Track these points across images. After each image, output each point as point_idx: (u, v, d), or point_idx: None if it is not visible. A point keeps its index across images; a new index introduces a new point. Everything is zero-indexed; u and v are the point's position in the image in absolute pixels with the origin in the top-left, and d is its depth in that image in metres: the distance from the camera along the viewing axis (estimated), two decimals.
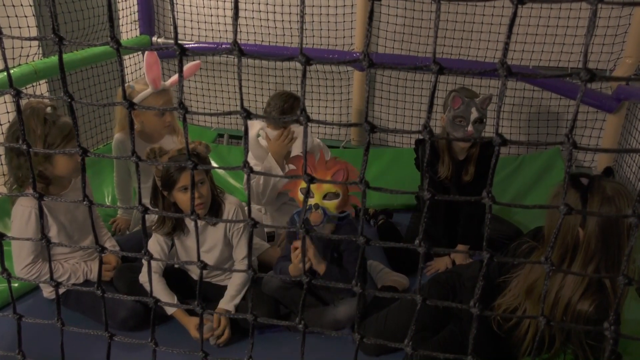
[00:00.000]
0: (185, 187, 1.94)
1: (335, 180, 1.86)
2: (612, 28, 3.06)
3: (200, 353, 0.88)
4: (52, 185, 2.09)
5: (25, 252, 2.02)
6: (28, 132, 1.93)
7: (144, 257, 0.83)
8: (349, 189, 1.89)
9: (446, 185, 2.51)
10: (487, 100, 2.35)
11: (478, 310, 0.78)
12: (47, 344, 1.76)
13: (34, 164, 1.97)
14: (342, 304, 2.05)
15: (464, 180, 2.48)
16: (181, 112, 0.75)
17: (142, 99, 2.42)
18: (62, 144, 1.96)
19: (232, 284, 2.08)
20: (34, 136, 1.93)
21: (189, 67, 2.65)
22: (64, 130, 1.97)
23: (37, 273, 2.04)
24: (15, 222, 2.01)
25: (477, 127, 2.33)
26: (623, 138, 3.22)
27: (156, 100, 2.45)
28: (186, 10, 3.70)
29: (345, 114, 3.72)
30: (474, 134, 2.32)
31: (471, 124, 2.32)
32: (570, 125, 0.65)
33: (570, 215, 1.49)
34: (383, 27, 3.41)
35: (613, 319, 0.74)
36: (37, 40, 0.79)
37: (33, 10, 2.95)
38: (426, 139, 0.70)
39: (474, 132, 2.32)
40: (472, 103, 2.32)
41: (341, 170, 1.87)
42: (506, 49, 0.65)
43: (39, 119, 1.94)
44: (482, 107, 2.33)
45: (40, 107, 1.97)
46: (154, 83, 2.42)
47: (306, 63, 0.70)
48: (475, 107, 2.32)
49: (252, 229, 0.78)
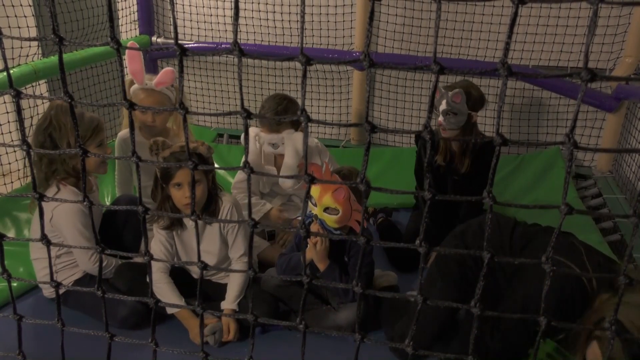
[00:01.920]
0: (179, 184, 1.95)
1: (336, 197, 1.86)
2: (611, 27, 3.06)
3: (201, 353, 0.88)
4: (80, 181, 2.11)
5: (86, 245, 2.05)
6: (59, 127, 2.02)
7: (145, 257, 0.83)
8: (351, 208, 1.90)
9: (442, 173, 2.54)
10: (458, 95, 2.35)
11: (479, 310, 0.78)
12: (48, 343, 1.77)
13: (68, 158, 2.04)
14: (343, 309, 2.05)
15: (459, 170, 2.50)
16: (181, 112, 0.75)
17: (133, 92, 2.47)
18: (92, 136, 2.06)
19: (233, 283, 2.08)
20: (66, 130, 2.02)
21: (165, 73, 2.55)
22: (92, 124, 2.06)
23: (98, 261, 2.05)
24: (61, 218, 2.00)
25: (448, 119, 2.38)
26: (623, 137, 3.22)
27: (147, 98, 2.47)
28: (185, 10, 3.70)
29: (345, 113, 3.72)
30: (443, 124, 2.39)
31: (441, 115, 2.39)
32: (571, 125, 0.65)
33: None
34: (382, 26, 3.41)
35: (614, 320, 0.74)
36: (37, 40, 0.79)
37: (32, 10, 2.95)
38: (427, 139, 0.70)
39: (444, 123, 2.39)
40: (446, 95, 2.38)
41: (342, 188, 1.87)
42: (507, 48, 0.65)
43: (67, 114, 2.00)
44: (452, 100, 2.35)
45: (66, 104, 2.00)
46: (135, 76, 2.44)
47: (307, 63, 0.70)
48: (446, 99, 2.37)
49: (252, 229, 0.78)
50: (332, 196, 1.86)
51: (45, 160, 2.04)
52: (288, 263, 2.09)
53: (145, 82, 2.47)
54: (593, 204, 3.01)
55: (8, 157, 2.92)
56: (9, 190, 2.90)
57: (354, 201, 1.90)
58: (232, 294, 2.05)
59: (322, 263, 1.99)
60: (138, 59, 2.42)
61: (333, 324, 2.04)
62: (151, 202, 2.12)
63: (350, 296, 2.05)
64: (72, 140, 2.01)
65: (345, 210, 1.88)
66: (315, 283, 0.82)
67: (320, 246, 1.96)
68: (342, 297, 2.07)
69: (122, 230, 2.31)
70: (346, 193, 1.87)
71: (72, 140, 2.01)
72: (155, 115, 2.49)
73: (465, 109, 2.37)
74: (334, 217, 1.89)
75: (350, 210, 1.90)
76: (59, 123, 2.02)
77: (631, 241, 0.71)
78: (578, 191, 3.11)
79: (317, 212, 1.91)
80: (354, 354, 0.82)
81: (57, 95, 2.31)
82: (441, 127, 2.41)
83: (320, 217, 1.91)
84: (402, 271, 2.48)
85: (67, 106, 2.07)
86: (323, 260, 1.99)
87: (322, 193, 1.87)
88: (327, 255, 2.00)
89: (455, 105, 2.36)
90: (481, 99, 2.45)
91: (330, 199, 1.87)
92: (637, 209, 0.67)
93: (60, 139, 2.03)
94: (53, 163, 2.03)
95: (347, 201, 1.87)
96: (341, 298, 2.08)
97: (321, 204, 1.89)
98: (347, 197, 1.87)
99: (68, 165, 2.05)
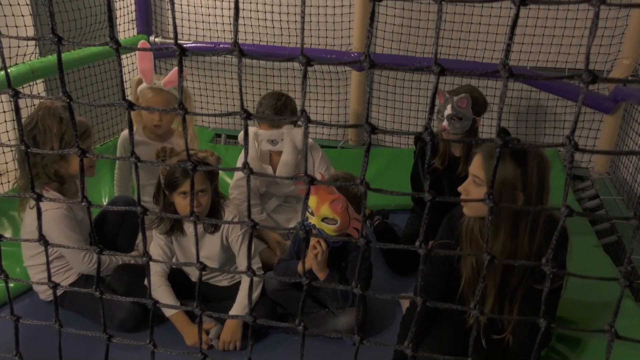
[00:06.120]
0: (185, 193, 1.95)
1: (334, 208, 1.86)
2: (609, 29, 3.06)
3: (200, 355, 0.87)
4: (65, 185, 2.09)
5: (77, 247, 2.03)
6: (44, 130, 1.96)
7: (143, 258, 0.83)
8: (350, 217, 1.90)
9: (438, 176, 2.54)
10: (464, 100, 2.36)
11: (478, 312, 0.78)
12: (44, 344, 1.76)
13: (50, 163, 1.99)
14: (342, 314, 2.05)
15: (457, 174, 2.50)
16: (181, 113, 0.74)
17: (140, 91, 2.46)
18: (81, 142, 1.99)
19: (244, 294, 2.06)
20: (50, 135, 1.95)
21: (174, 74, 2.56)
22: (81, 128, 2.00)
23: (94, 260, 2.05)
24: (47, 225, 1.96)
25: (452, 123, 2.38)
26: (620, 139, 3.22)
27: (154, 97, 2.46)
28: (183, 10, 3.69)
29: (343, 114, 3.72)
30: (448, 129, 2.39)
31: (445, 119, 2.38)
32: (572, 126, 0.65)
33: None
34: (381, 27, 3.41)
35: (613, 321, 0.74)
36: (36, 40, 0.78)
37: (30, 10, 2.94)
38: (427, 140, 0.70)
39: (449, 128, 2.38)
40: (450, 100, 2.38)
41: (339, 199, 1.87)
42: (508, 50, 0.65)
43: (55, 118, 1.96)
44: (457, 105, 2.35)
45: (55, 106, 1.99)
46: (144, 75, 2.43)
47: (307, 64, 0.69)
48: (451, 104, 2.37)
49: (252, 230, 0.78)
50: (330, 207, 1.86)
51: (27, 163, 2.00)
52: (286, 270, 2.08)
53: (153, 81, 2.47)
54: (590, 206, 3.01)
55: (5, 156, 2.91)
56: (5, 190, 2.89)
57: (352, 211, 1.90)
58: (243, 302, 2.04)
59: (321, 272, 1.99)
60: (149, 58, 2.43)
61: (332, 328, 2.04)
62: (150, 201, 2.12)
63: (350, 301, 2.04)
64: (56, 146, 1.94)
65: (344, 220, 1.88)
66: (314, 284, 0.82)
67: (320, 257, 1.96)
68: (341, 302, 2.06)
69: (116, 234, 2.30)
70: (344, 203, 1.87)
71: (57, 145, 1.94)
72: (162, 114, 2.48)
73: (470, 113, 2.37)
74: (332, 226, 1.89)
75: (349, 220, 1.90)
76: (44, 126, 1.95)
77: (631, 243, 0.71)
78: (575, 193, 3.12)
79: (314, 221, 1.90)
80: (353, 356, 0.82)
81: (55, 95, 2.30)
82: (445, 131, 2.40)
83: (318, 227, 1.90)
84: (399, 274, 2.48)
85: (55, 109, 2.05)
86: (323, 270, 1.99)
87: (320, 204, 1.87)
88: (326, 264, 2.00)
89: (460, 110, 2.36)
90: (484, 103, 2.46)
91: (328, 210, 1.87)
92: (637, 211, 0.67)
93: (44, 143, 1.96)
94: (34, 167, 1.97)
95: (345, 211, 1.87)
96: (340, 304, 2.08)
97: (319, 214, 1.88)
98: (345, 208, 1.87)
99: (50, 170, 2.00)
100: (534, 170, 1.53)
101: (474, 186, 1.63)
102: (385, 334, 2.11)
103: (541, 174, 1.55)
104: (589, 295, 1.95)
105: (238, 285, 2.12)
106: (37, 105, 2.06)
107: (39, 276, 2.12)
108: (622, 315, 1.62)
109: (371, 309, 2.18)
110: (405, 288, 2.37)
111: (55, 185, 2.05)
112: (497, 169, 0.69)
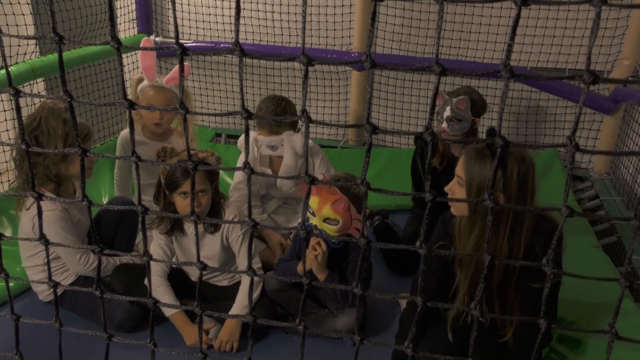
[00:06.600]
0: (185, 193, 1.95)
1: (336, 208, 1.86)
2: (609, 30, 3.06)
3: (200, 355, 0.87)
4: (62, 186, 2.09)
5: (73, 249, 2.04)
6: (47, 131, 1.95)
7: (143, 258, 0.83)
8: (351, 217, 1.89)
9: (437, 176, 2.54)
10: (463, 102, 2.36)
11: (479, 312, 0.78)
12: (44, 343, 1.76)
13: (52, 164, 1.98)
14: (342, 315, 2.05)
15: None
16: (182, 112, 0.74)
17: (141, 89, 2.45)
18: (82, 144, 1.99)
19: (244, 294, 2.06)
20: (54, 136, 1.95)
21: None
22: (83, 130, 2.00)
23: (90, 261, 2.06)
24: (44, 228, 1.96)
25: (452, 125, 2.39)
26: (620, 139, 3.22)
27: (156, 95, 2.45)
28: (184, 9, 3.69)
29: (343, 114, 3.72)
30: (447, 130, 2.39)
31: (445, 121, 2.39)
32: (572, 127, 0.65)
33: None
34: (381, 27, 3.41)
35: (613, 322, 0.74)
36: (37, 39, 0.78)
37: (30, 9, 2.94)
38: (428, 141, 0.70)
39: (448, 130, 2.39)
40: (450, 102, 2.38)
41: (341, 199, 1.87)
42: (509, 50, 0.65)
43: (59, 119, 1.96)
44: (456, 107, 2.35)
45: (59, 107, 1.98)
46: (146, 72, 2.43)
47: (308, 64, 0.69)
48: (450, 106, 2.38)
49: (252, 230, 0.78)
50: (331, 207, 1.86)
51: (26, 162, 1.99)
52: (286, 270, 2.08)
53: (155, 79, 2.46)
54: (590, 206, 3.02)
55: (5, 155, 2.91)
56: (5, 189, 2.89)
57: (353, 211, 1.90)
58: (243, 302, 2.04)
59: (321, 273, 1.99)
60: (151, 56, 2.43)
61: (332, 329, 2.04)
62: (150, 201, 2.12)
63: (349, 302, 2.04)
64: (60, 147, 1.92)
65: (345, 221, 1.88)
66: (314, 284, 0.82)
67: (321, 258, 1.96)
68: (341, 302, 2.06)
69: (113, 237, 2.30)
70: (346, 204, 1.87)
71: (61, 146, 1.93)
72: (162, 113, 2.48)
73: (469, 115, 2.38)
74: (334, 227, 1.90)
75: (350, 220, 1.90)
76: (47, 126, 1.95)
77: (632, 244, 0.71)
78: (575, 193, 3.12)
79: (316, 222, 1.90)
80: (353, 356, 0.82)
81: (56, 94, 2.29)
82: (444, 133, 2.41)
83: (320, 227, 1.90)
84: (398, 274, 2.48)
85: (59, 110, 2.05)
86: (323, 271, 1.99)
87: (322, 204, 1.87)
88: (326, 265, 2.00)
89: (460, 112, 2.36)
90: (484, 104, 2.46)
91: (329, 210, 1.87)
92: (637, 212, 0.66)
93: (47, 144, 1.95)
94: (35, 167, 1.96)
95: (347, 212, 1.87)
96: (340, 304, 2.08)
97: (320, 214, 1.88)
98: (347, 208, 1.87)
99: (50, 171, 2.00)
100: (514, 171, 1.54)
101: (458, 186, 1.64)
102: (385, 334, 2.11)
103: (522, 175, 1.55)
104: (589, 296, 1.95)
105: (238, 285, 2.12)
106: (38, 105, 2.05)
107: (37, 277, 2.12)
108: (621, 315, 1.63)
109: (371, 309, 2.18)
110: (405, 288, 2.37)
111: (52, 187, 2.05)
112: (497, 169, 0.69)
